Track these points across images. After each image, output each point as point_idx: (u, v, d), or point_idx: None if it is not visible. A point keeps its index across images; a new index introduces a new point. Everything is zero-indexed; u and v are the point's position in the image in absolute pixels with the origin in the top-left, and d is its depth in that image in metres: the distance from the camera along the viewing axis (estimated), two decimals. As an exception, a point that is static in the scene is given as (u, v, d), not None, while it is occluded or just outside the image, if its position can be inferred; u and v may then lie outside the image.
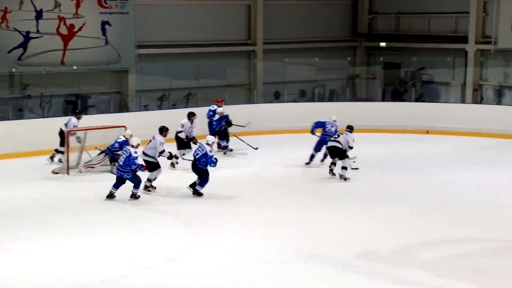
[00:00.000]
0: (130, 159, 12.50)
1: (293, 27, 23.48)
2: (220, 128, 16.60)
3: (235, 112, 17.35)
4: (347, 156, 14.18)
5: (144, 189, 12.95)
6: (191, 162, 12.89)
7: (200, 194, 12.68)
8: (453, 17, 22.67)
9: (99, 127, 15.35)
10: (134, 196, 12.63)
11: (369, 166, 15.22)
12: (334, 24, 24.49)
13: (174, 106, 20.48)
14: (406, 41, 23.53)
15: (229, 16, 22.31)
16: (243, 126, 16.75)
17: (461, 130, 19.02)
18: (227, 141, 16.68)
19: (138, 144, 12.73)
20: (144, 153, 13.12)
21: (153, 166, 13.10)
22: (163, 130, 13.40)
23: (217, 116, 16.71)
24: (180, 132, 15.43)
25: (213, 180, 12.77)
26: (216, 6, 22.02)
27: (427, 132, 19.74)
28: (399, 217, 11.64)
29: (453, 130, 19.19)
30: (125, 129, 15.13)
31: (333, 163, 14.32)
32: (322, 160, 15.52)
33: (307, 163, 15.41)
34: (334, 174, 14.23)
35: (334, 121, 15.59)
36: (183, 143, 15.45)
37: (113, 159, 14.72)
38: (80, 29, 19.09)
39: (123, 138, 14.76)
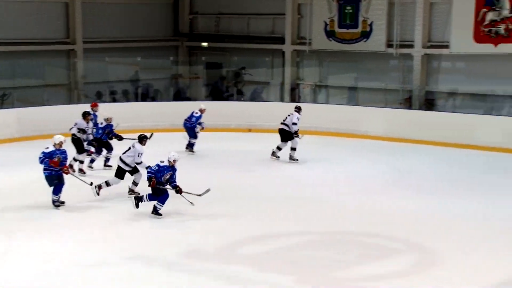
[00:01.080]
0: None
1: (114, 26, 23.11)
2: (100, 137, 14.89)
3: (55, 112, 16.75)
4: (293, 138, 15.64)
5: (128, 193, 12.41)
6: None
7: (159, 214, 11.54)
8: (271, 18, 23.48)
9: None
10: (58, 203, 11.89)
11: (192, 165, 15.40)
12: (156, 23, 24.44)
13: (-13, 107, 19.39)
14: (227, 41, 24.03)
15: (45, 13, 21.48)
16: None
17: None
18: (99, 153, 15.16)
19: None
20: (121, 161, 12.43)
21: (132, 172, 12.50)
22: (143, 139, 12.47)
23: (103, 123, 15.01)
24: (71, 128, 14.48)
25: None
26: (31, 3, 21.11)
27: (249, 130, 20.31)
28: (222, 215, 11.85)
29: (273, 128, 19.85)
30: None
31: (278, 148, 15.88)
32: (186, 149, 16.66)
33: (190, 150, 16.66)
34: (277, 157, 15.87)
35: (201, 110, 16.61)
36: (81, 146, 14.51)
37: None
38: None
39: None
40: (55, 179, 11.80)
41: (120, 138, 15.13)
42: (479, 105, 19.34)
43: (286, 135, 15.77)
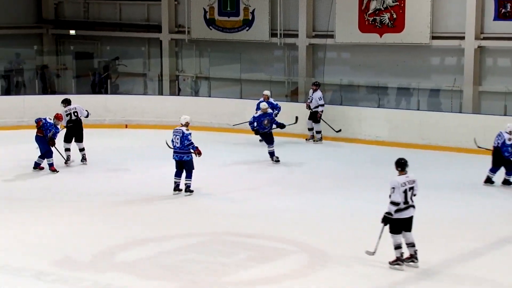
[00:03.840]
0: (184, 137, 12.62)
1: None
2: None
3: None
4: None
5: None
6: None
7: None
8: (145, 4, 23.36)
9: None
10: (189, 190, 12.84)
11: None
12: (16, 9, 23.68)
13: None
14: (97, 29, 23.72)
15: None
16: None
17: (160, 123, 19.60)
18: None
19: (187, 123, 12.80)
20: None
21: None
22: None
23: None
24: None
25: None
26: None
27: (126, 126, 20.12)
28: (97, 220, 11.78)
29: (152, 123, 19.84)
30: None
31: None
32: None
33: None
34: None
35: None
36: None
37: None
38: None
39: None
40: None
41: None
42: (368, 97, 20.06)
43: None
